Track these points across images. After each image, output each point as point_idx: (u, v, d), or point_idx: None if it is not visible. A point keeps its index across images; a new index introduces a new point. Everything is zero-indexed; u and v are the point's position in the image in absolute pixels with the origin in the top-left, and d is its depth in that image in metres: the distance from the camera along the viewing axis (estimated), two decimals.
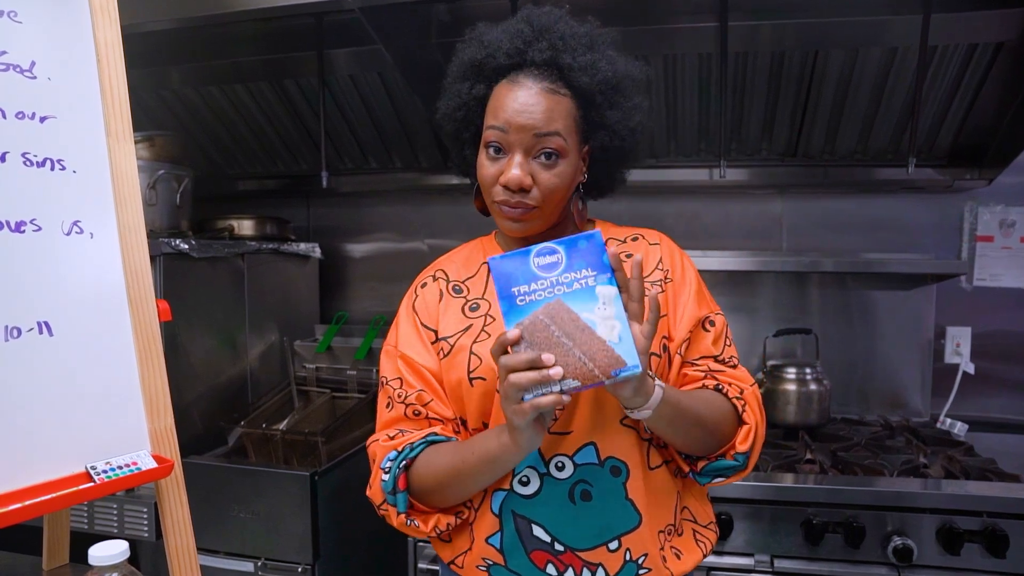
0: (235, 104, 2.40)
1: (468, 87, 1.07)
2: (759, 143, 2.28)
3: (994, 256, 2.26)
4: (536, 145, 1.01)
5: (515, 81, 1.02)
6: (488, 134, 1.04)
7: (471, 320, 1.09)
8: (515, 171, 1.01)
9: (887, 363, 2.30)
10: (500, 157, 1.03)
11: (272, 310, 2.35)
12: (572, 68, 1.01)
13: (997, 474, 1.75)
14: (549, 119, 1.00)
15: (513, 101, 1.01)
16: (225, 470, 1.91)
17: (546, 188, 1.02)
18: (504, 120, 1.01)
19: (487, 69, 1.05)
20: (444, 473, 1.02)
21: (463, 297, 1.13)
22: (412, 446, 1.04)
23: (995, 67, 1.94)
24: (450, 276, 1.16)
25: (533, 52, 1.02)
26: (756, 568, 1.69)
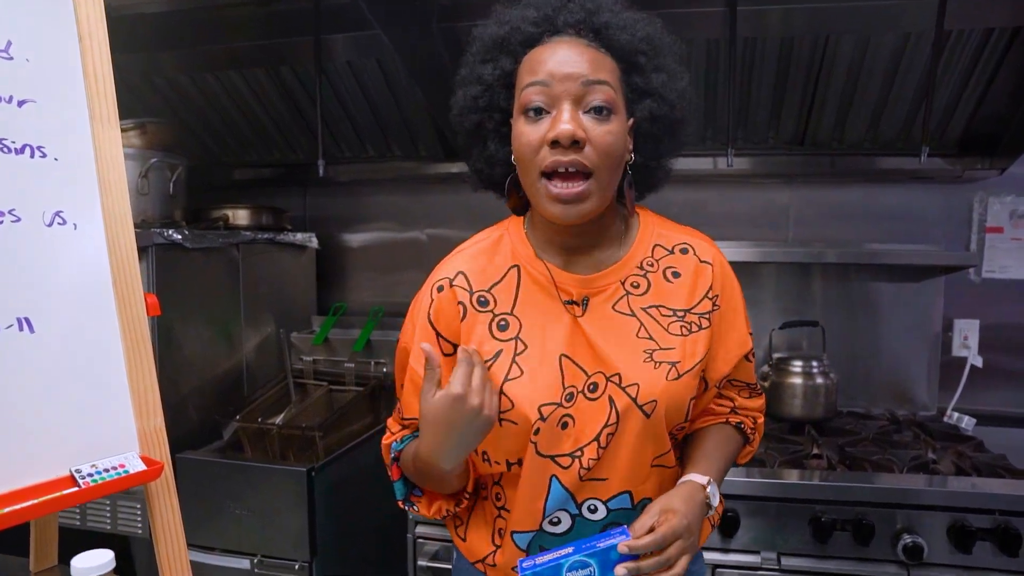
0: (230, 91, 2.34)
1: (491, 68, 0.97)
2: (766, 131, 2.23)
3: (1004, 248, 2.21)
4: (586, 95, 0.90)
5: (550, 42, 0.93)
6: (527, 94, 0.91)
7: (501, 344, 0.99)
8: (566, 124, 0.88)
9: (894, 356, 2.26)
10: (542, 118, 0.91)
11: (268, 301, 2.31)
12: (610, 26, 0.92)
13: (1009, 471, 1.71)
14: (596, 68, 0.90)
15: (551, 55, 0.91)
16: (220, 465, 1.87)
17: (602, 146, 0.90)
18: (546, 72, 0.90)
19: (512, 43, 0.95)
20: (411, 468, 1.05)
21: (490, 311, 1.01)
22: (403, 439, 1.09)
23: (1011, 53, 1.89)
24: (472, 284, 1.02)
25: (565, 15, 0.93)
26: (763, 566, 1.65)
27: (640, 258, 1.03)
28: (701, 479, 0.98)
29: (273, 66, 2.22)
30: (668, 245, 1.05)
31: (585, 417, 0.96)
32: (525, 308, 1.00)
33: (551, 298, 1.00)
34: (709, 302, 1.03)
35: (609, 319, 0.99)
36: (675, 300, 1.01)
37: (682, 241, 1.06)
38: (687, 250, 1.05)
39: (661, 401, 0.96)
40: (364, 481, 2.04)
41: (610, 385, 0.96)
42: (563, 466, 0.96)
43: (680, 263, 1.04)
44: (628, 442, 0.96)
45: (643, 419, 0.95)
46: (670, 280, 1.02)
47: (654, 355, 0.97)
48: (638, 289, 1.01)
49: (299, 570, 1.81)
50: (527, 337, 0.99)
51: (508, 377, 0.97)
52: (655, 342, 0.98)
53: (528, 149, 0.92)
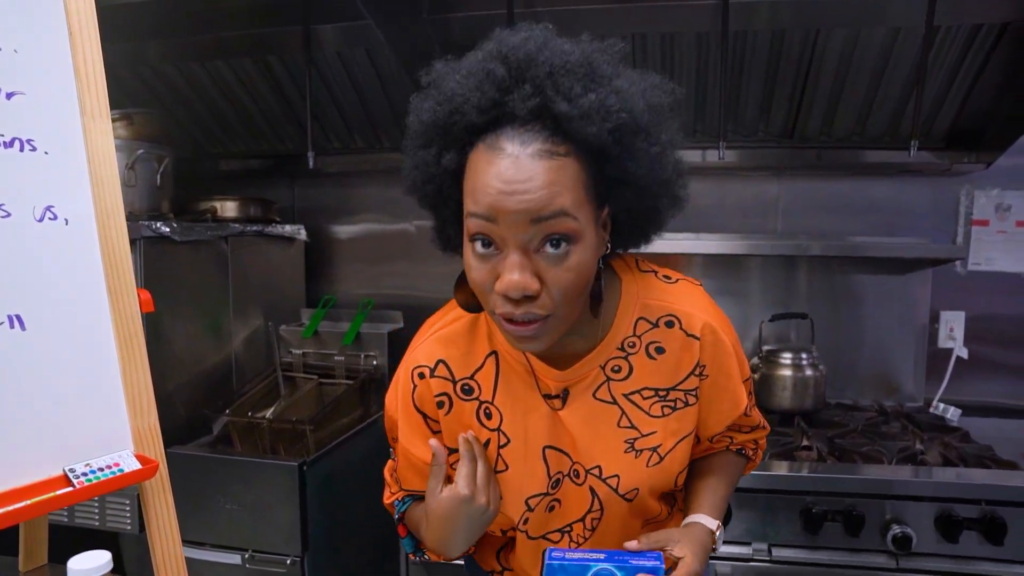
0: (217, 81, 2.31)
1: (434, 155, 0.81)
2: (756, 124, 2.23)
3: (989, 240, 2.23)
4: (537, 234, 0.75)
5: (494, 147, 0.75)
6: (471, 224, 0.78)
7: (488, 433, 0.97)
8: (514, 275, 0.76)
9: (881, 348, 2.28)
10: (491, 252, 0.78)
11: (257, 294, 2.29)
12: (571, 117, 0.74)
13: (995, 461, 1.74)
14: (550, 196, 0.74)
15: (495, 178, 0.74)
16: (211, 460, 1.86)
17: (560, 289, 0.78)
18: (488, 206, 0.75)
19: (455, 131, 0.78)
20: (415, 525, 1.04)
21: (475, 398, 0.96)
22: (403, 500, 1.08)
23: (998, 49, 1.91)
24: (455, 372, 0.96)
25: (514, 101, 0.75)
26: (754, 557, 1.67)
27: (622, 338, 0.94)
28: (711, 523, 0.98)
29: (261, 56, 2.20)
30: (652, 318, 0.95)
31: (569, 500, 0.98)
32: (505, 399, 0.96)
33: (530, 389, 0.95)
34: (696, 378, 0.97)
35: (590, 409, 0.95)
36: (658, 379, 0.95)
37: (668, 312, 0.95)
38: (673, 323, 0.95)
39: (643, 487, 0.97)
40: (355, 475, 2.04)
41: (590, 477, 0.97)
42: (554, 541, 1.00)
43: (665, 338, 0.95)
44: (614, 523, 1.00)
45: (626, 504, 0.98)
46: (653, 357, 0.95)
47: (635, 444, 0.96)
48: (619, 374, 0.95)
49: (291, 565, 1.81)
50: (509, 430, 0.96)
51: (496, 470, 0.97)
52: (636, 430, 0.96)
53: (479, 286, 0.81)
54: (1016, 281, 2.23)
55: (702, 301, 0.98)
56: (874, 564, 1.63)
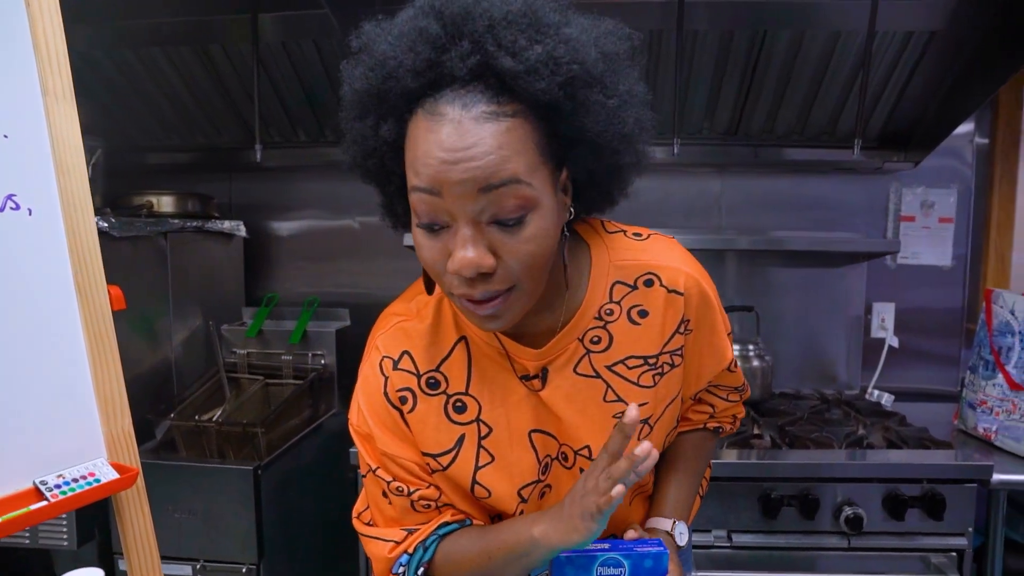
0: (151, 70, 2.19)
1: (372, 127, 0.74)
2: (702, 122, 2.29)
3: (915, 235, 2.37)
4: (489, 205, 0.69)
5: (433, 113, 0.68)
6: (415, 200, 0.71)
7: (461, 428, 0.88)
8: (466, 252, 0.69)
9: (820, 338, 2.38)
10: (438, 228, 0.72)
11: (196, 293, 2.19)
12: (517, 73, 0.67)
13: (932, 442, 1.83)
14: (499, 161, 0.67)
15: (436, 147, 0.67)
16: (156, 467, 1.76)
17: (518, 262, 0.72)
18: (430, 178, 0.68)
19: (391, 98, 0.71)
20: (470, 569, 0.87)
21: (442, 392, 0.88)
22: (425, 545, 0.88)
23: (926, 56, 2.02)
24: (419, 365, 0.88)
25: (452, 60, 0.68)
26: (715, 544, 1.71)
27: (598, 306, 0.88)
28: (666, 524, 0.99)
29: (202, 45, 2.10)
30: (630, 280, 0.89)
31: (560, 484, 0.93)
32: (481, 387, 0.88)
33: (506, 372, 0.88)
34: (681, 336, 0.92)
35: (572, 385, 0.89)
36: (643, 345, 0.90)
37: (645, 271, 0.89)
38: (652, 281, 0.89)
39: None
40: (309, 477, 1.98)
41: (579, 458, 0.92)
42: None
43: (647, 299, 0.89)
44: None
45: None
46: (636, 322, 0.89)
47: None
48: (599, 345, 0.89)
49: (246, 573, 1.74)
50: (489, 419, 0.88)
51: (479, 464, 0.88)
52: (624, 403, 0.90)
53: (431, 267, 0.75)
54: (939, 274, 2.37)
55: (680, 254, 0.93)
56: (828, 545, 1.70)
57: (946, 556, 1.69)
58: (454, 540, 0.89)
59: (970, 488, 1.68)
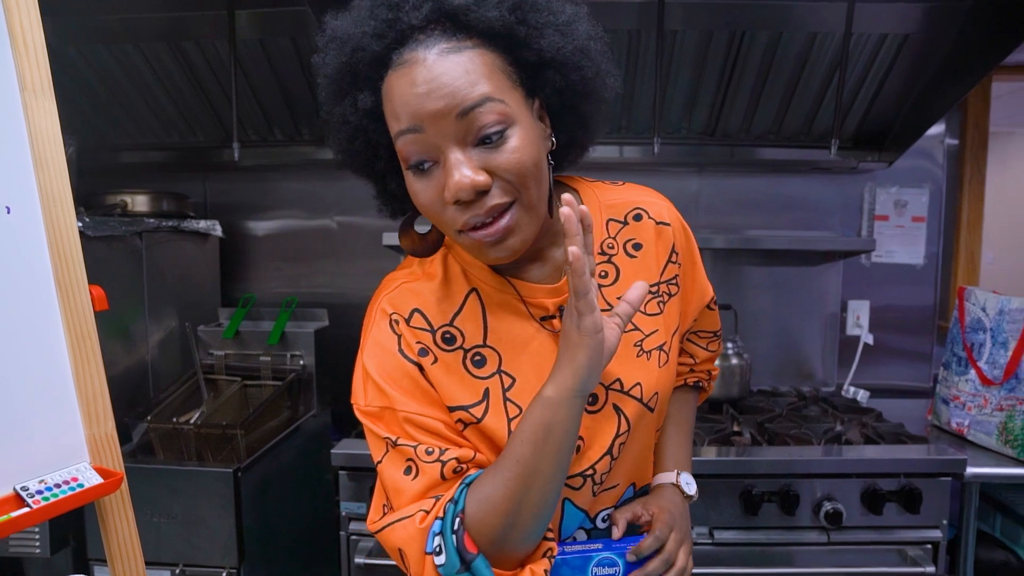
0: (125, 66, 2.15)
1: (351, 105, 0.78)
2: (680, 122, 2.30)
3: (889, 234, 2.41)
4: (470, 127, 0.72)
5: (400, 63, 0.72)
6: (401, 146, 0.75)
7: (483, 382, 0.85)
8: (459, 174, 0.72)
9: (798, 336, 2.41)
10: (430, 170, 0.75)
11: (172, 294, 2.15)
12: (466, 8, 0.72)
13: (908, 437, 1.87)
14: (469, 84, 0.71)
15: (409, 87, 0.71)
16: (133, 471, 1.71)
17: (511, 172, 0.74)
18: (410, 115, 0.72)
19: (361, 69, 0.75)
20: (507, 497, 0.77)
21: (459, 347, 0.85)
22: (455, 500, 0.78)
23: (900, 59, 2.06)
24: (432, 320, 0.85)
25: (407, 14, 0.72)
26: (697, 541, 1.72)
27: (600, 241, 0.92)
28: (670, 476, 1.02)
29: (176, 42, 2.06)
30: (620, 216, 0.93)
31: (592, 433, 0.88)
32: (499, 337, 0.86)
33: (524, 318, 0.87)
34: (675, 267, 0.96)
35: None
36: (643, 275, 0.92)
37: (632, 206, 0.94)
38: (640, 216, 0.93)
39: (662, 390, 0.93)
40: (289, 479, 1.96)
41: (611, 393, 0.88)
42: (575, 487, 0.89)
43: (638, 232, 0.93)
44: (637, 443, 0.93)
45: (649, 415, 0.92)
46: (633, 255, 0.92)
47: (643, 345, 0.91)
48: (607, 279, 0.91)
49: None
50: (511, 368, 0.86)
51: (510, 418, 0.84)
52: (640, 331, 0.91)
53: (429, 209, 0.77)
54: (912, 272, 2.42)
55: (655, 192, 0.99)
56: (808, 540, 1.71)
57: (922, 548, 1.72)
58: (480, 479, 0.80)
59: (945, 482, 1.71)
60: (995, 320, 1.86)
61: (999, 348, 1.85)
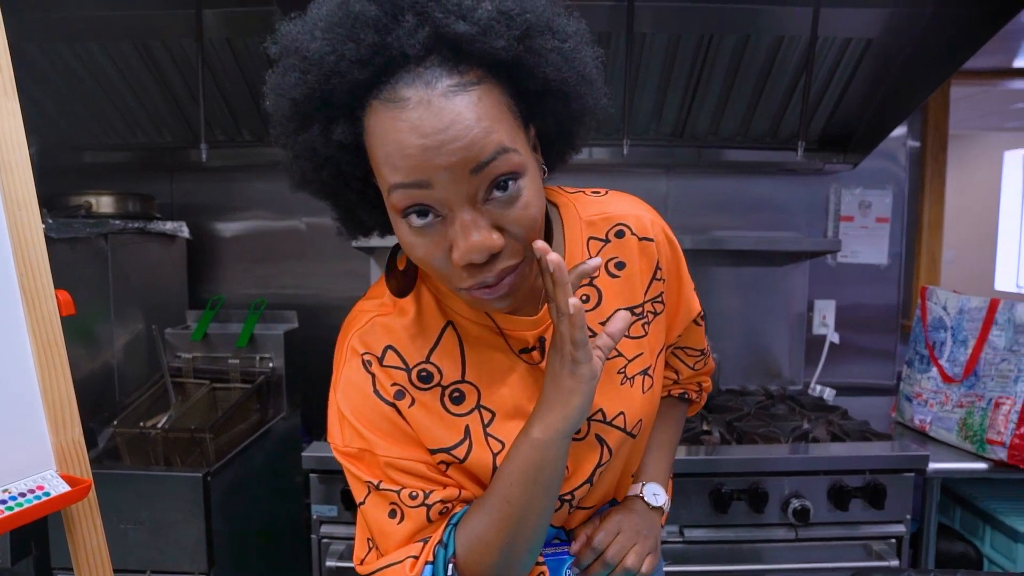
0: (88, 66, 2.11)
1: (320, 135, 0.68)
2: (649, 124, 2.32)
3: (854, 235, 2.45)
4: (483, 183, 0.65)
5: (394, 100, 0.64)
6: (398, 199, 0.66)
7: (462, 419, 0.82)
8: (473, 237, 0.66)
9: (765, 336, 2.45)
10: (430, 222, 0.67)
11: (138, 296, 2.11)
12: (472, 36, 0.63)
13: (873, 434, 1.91)
14: (484, 135, 0.64)
15: (412, 134, 0.63)
16: (99, 477, 1.68)
17: (523, 231, 0.69)
18: (414, 169, 0.64)
19: (337, 97, 0.65)
20: (499, 536, 0.77)
21: (437, 385, 0.81)
22: (444, 544, 0.77)
23: (864, 62, 2.10)
24: (408, 358, 0.81)
25: (399, 39, 0.63)
26: (667, 539, 1.74)
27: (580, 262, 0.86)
28: (635, 488, 0.99)
29: (142, 40, 2.03)
30: (601, 234, 0.88)
31: (576, 461, 0.86)
32: (478, 372, 0.83)
33: (503, 351, 0.83)
34: (661, 285, 0.91)
35: None
36: (627, 297, 0.89)
37: (614, 223, 0.88)
38: (623, 232, 0.88)
39: (646, 417, 0.91)
40: (259, 483, 1.94)
41: (594, 424, 0.86)
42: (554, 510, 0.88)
43: (621, 250, 0.88)
44: (616, 469, 0.93)
45: (631, 442, 0.91)
46: (616, 274, 0.88)
47: (627, 371, 0.88)
48: (589, 303, 0.87)
49: None
50: (490, 403, 0.83)
51: (494, 453, 0.82)
52: (623, 357, 0.88)
53: (428, 263, 0.70)
54: (876, 272, 2.47)
55: (640, 202, 0.94)
56: (777, 537, 1.74)
57: (886, 543, 1.76)
58: (467, 518, 0.79)
59: (908, 477, 1.75)
60: (955, 319, 1.91)
61: (959, 346, 1.90)
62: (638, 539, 0.93)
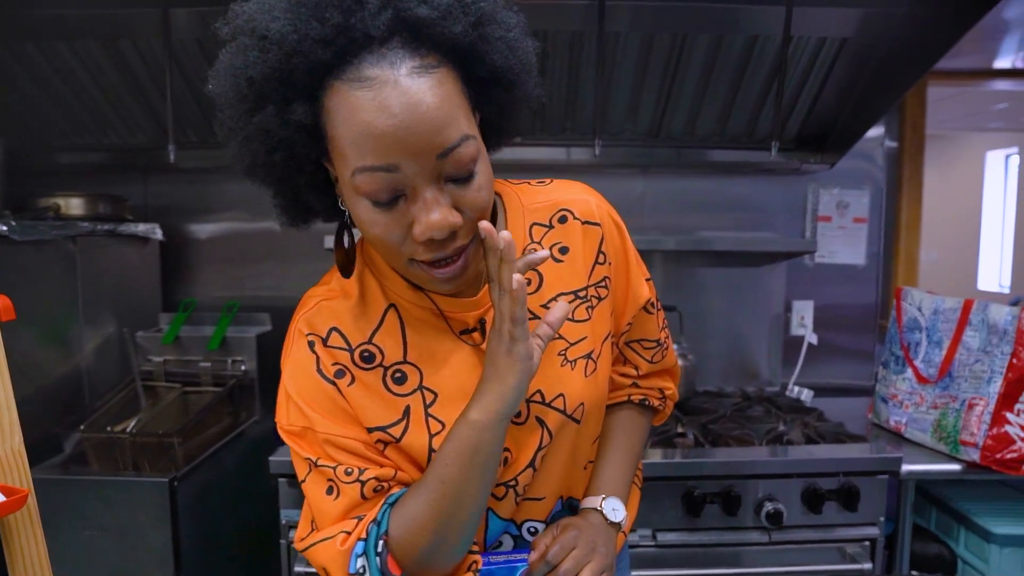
0: (56, 65, 2.08)
1: (275, 115, 0.68)
2: (624, 123, 2.31)
3: (832, 235, 2.45)
4: (443, 166, 0.69)
5: (359, 80, 0.65)
6: (362, 184, 0.69)
7: (403, 400, 0.83)
8: (435, 214, 0.69)
9: (742, 337, 2.43)
10: (394, 203, 0.71)
11: (109, 299, 2.09)
12: (432, 20, 0.66)
13: (848, 436, 1.90)
14: (450, 121, 0.68)
15: (380, 114, 0.65)
16: (64, 483, 1.68)
17: (478, 208, 0.73)
18: (383, 151, 0.66)
19: (297, 77, 0.66)
20: (433, 517, 0.78)
21: (379, 365, 0.83)
22: (377, 521, 0.79)
23: (839, 62, 2.09)
24: (351, 339, 0.83)
25: (363, 21, 0.65)
26: (639, 543, 1.73)
27: (521, 248, 0.89)
28: (595, 501, 0.96)
29: (110, 40, 2.00)
30: (544, 220, 0.90)
31: (518, 445, 0.87)
32: (419, 353, 0.85)
33: (444, 332, 0.86)
34: (604, 269, 0.92)
35: None
36: (571, 280, 0.90)
37: (557, 208, 0.91)
38: (566, 217, 0.90)
39: (589, 401, 0.90)
40: (229, 488, 1.92)
41: (533, 406, 0.87)
42: (498, 497, 0.88)
43: (564, 235, 0.90)
44: (561, 456, 0.91)
45: (574, 427, 0.90)
46: (559, 259, 0.90)
47: (568, 354, 0.89)
48: (530, 286, 0.88)
49: None
50: (432, 384, 0.84)
51: (432, 434, 0.83)
52: (565, 340, 0.89)
53: (385, 241, 0.73)
54: (854, 272, 2.46)
55: (585, 187, 0.95)
56: (750, 540, 1.73)
57: (860, 545, 1.75)
58: (403, 499, 0.81)
59: (881, 480, 1.74)
60: (930, 320, 1.90)
61: (934, 347, 1.89)
62: (593, 556, 0.90)
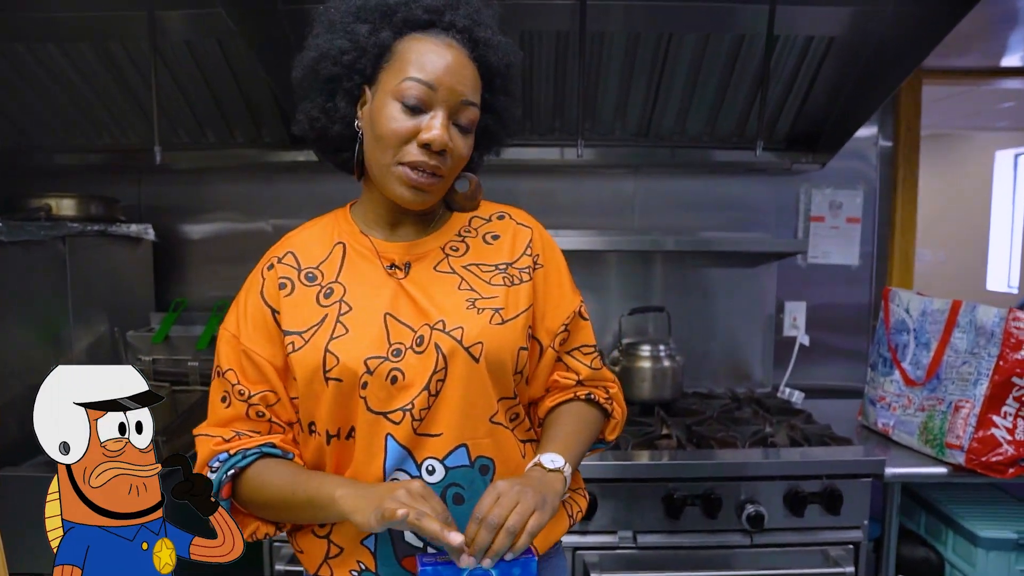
0: (48, 67, 2.10)
1: (368, 30, 0.96)
2: (613, 123, 2.30)
3: (825, 235, 2.43)
4: (460, 111, 0.97)
5: (433, 37, 0.96)
6: (407, 87, 0.94)
7: (325, 309, 1.00)
8: (439, 130, 0.94)
9: (733, 337, 2.42)
10: (416, 112, 0.95)
11: (101, 299, 2.11)
12: (487, 44, 0.99)
13: (833, 438, 1.88)
14: (473, 87, 0.97)
15: (442, 59, 0.94)
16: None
17: (458, 157, 0.99)
18: (433, 76, 0.94)
19: (398, 16, 0.96)
20: (271, 497, 0.98)
21: (317, 284, 1.02)
22: (244, 454, 0.98)
23: (827, 60, 2.08)
24: (301, 261, 1.04)
25: (453, 16, 0.96)
26: (620, 545, 1.72)
27: (458, 227, 1.10)
28: (536, 458, 0.98)
29: (100, 42, 2.02)
30: (485, 215, 1.12)
31: (414, 371, 0.96)
32: (350, 276, 1.03)
33: (375, 267, 1.04)
34: (530, 259, 1.08)
35: (431, 278, 1.04)
36: (496, 257, 1.07)
37: (499, 210, 1.14)
38: (504, 216, 1.13)
39: (487, 343, 0.98)
40: None
41: (435, 333, 0.98)
42: (395, 421, 0.95)
43: (498, 227, 1.11)
44: (457, 389, 0.96)
45: (470, 363, 0.97)
46: (489, 243, 1.09)
47: (476, 303, 1.02)
48: (458, 252, 1.07)
49: None
50: (351, 299, 1.01)
51: (333, 336, 0.98)
52: (477, 292, 1.03)
53: (395, 137, 0.95)
54: (847, 272, 2.44)
55: (529, 215, 1.15)
56: (731, 543, 1.72)
57: (843, 549, 1.73)
58: (270, 465, 0.99)
59: (865, 483, 1.73)
60: (918, 321, 1.88)
61: (922, 349, 1.87)
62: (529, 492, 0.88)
